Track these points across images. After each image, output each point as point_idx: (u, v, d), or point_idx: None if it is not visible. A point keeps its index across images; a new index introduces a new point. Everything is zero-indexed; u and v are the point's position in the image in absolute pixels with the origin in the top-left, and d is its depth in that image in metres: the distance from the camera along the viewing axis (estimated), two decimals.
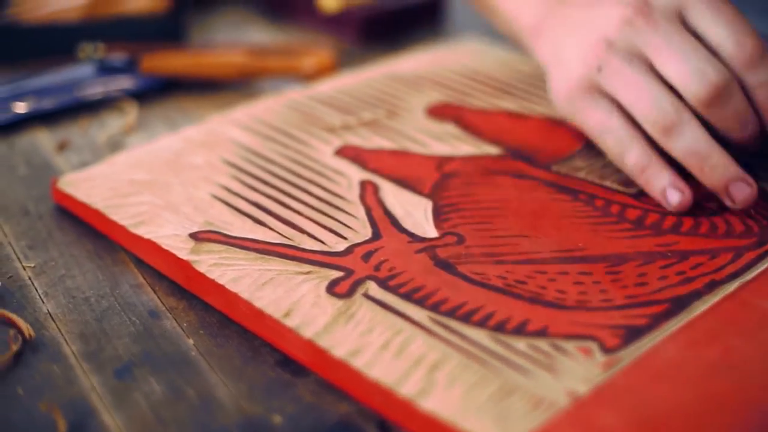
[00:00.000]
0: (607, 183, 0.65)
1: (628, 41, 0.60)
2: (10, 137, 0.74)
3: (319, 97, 0.76)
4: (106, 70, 0.81)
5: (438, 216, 0.61)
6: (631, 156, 0.61)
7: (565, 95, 0.64)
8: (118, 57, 0.83)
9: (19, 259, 0.60)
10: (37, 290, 0.57)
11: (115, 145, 0.73)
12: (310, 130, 0.71)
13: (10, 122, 0.75)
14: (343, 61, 0.87)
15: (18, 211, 0.64)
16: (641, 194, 0.63)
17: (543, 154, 0.69)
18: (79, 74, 0.81)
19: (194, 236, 0.58)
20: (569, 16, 0.65)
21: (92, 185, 0.64)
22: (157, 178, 0.64)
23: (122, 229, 0.60)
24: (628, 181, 0.64)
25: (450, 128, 0.72)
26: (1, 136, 0.74)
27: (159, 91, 0.81)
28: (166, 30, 0.86)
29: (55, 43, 0.85)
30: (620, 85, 0.60)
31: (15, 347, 0.52)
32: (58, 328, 0.54)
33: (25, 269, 0.59)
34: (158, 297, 0.56)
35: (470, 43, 0.88)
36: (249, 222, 0.60)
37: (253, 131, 0.71)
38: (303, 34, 0.94)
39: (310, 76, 0.82)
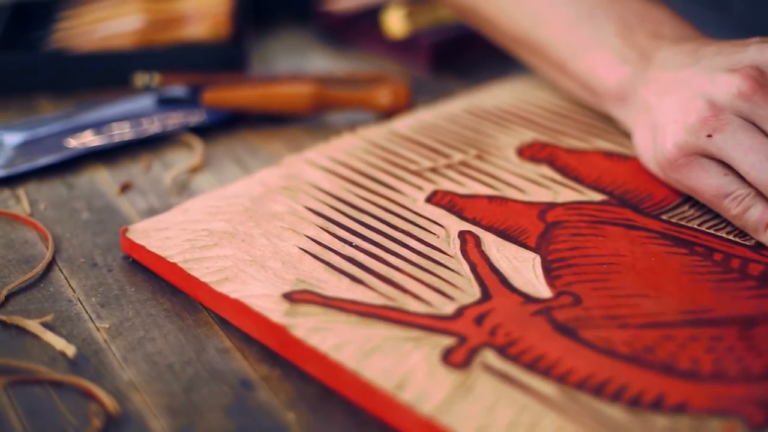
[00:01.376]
0: (723, 233, 0.62)
1: (743, 112, 0.60)
2: (66, 176, 0.71)
3: (400, 135, 0.73)
4: (165, 102, 0.78)
5: (549, 272, 0.58)
6: (755, 214, 0.61)
7: (667, 161, 0.63)
8: (177, 88, 0.80)
9: (91, 318, 0.56)
10: (114, 355, 0.53)
11: (181, 186, 0.70)
12: (396, 173, 0.68)
13: (66, 160, 0.72)
14: (412, 90, 0.84)
15: (85, 263, 0.61)
16: (760, 246, 0.60)
17: (648, 200, 0.65)
18: (138, 107, 0.78)
19: (288, 297, 0.55)
20: (664, 80, 0.64)
21: (166, 235, 0.61)
22: (238, 229, 0.61)
23: (204, 287, 0.57)
24: (744, 232, 0.61)
25: (545, 170, 0.69)
26: (58, 175, 0.71)
27: (223, 125, 0.78)
28: (227, 58, 0.83)
29: (107, 71, 0.82)
30: (736, 151, 0.60)
31: (98, 423, 0.49)
32: (142, 399, 0.50)
33: (99, 330, 0.55)
34: (249, 364, 0.53)
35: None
36: (345, 280, 0.56)
37: (334, 174, 0.67)
38: (368, 61, 0.91)
39: (384, 110, 0.79)
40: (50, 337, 0.55)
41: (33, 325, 0.55)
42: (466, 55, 0.90)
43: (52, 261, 0.61)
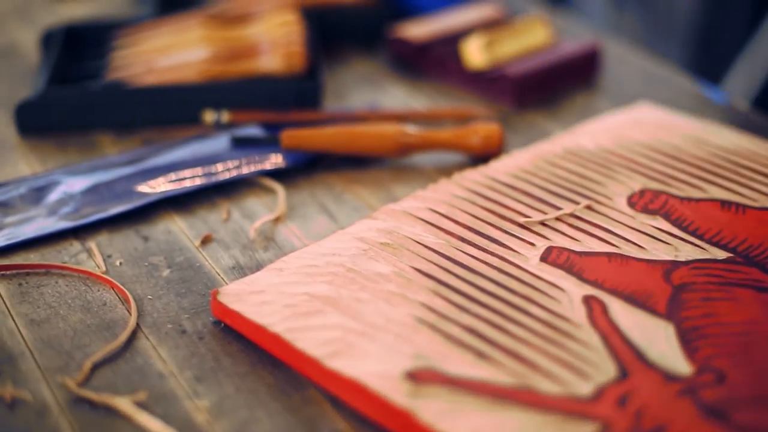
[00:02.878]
0: None
1: None
2: (139, 226, 0.68)
3: (500, 182, 0.70)
4: (240, 143, 0.75)
5: (685, 344, 0.55)
6: None
7: None
8: (251, 127, 0.77)
9: (188, 395, 0.53)
10: None
11: (266, 238, 0.67)
12: (503, 227, 0.65)
13: (138, 209, 0.69)
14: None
15: (172, 329, 0.58)
16: None
17: None
18: (210, 148, 0.75)
19: (410, 376, 0.52)
20: None
21: (263, 300, 0.58)
22: (342, 293, 0.58)
23: (312, 361, 0.54)
24: None
25: (661, 222, 0.66)
26: (130, 224, 0.68)
27: (302, 167, 0.75)
28: (301, 92, 0.80)
29: (172, 107, 0.79)
30: None
31: None
32: None
33: (198, 410, 0.52)
34: None
35: (644, 109, 0.81)
36: (469, 355, 0.53)
37: (438, 228, 0.64)
38: (446, 94, 0.87)
39: (476, 152, 0.76)
40: (145, 419, 0.51)
41: (125, 405, 0.52)
42: (550, 87, 0.87)
43: (137, 327, 0.58)
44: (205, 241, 0.67)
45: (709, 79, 0.98)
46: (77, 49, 0.88)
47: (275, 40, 0.83)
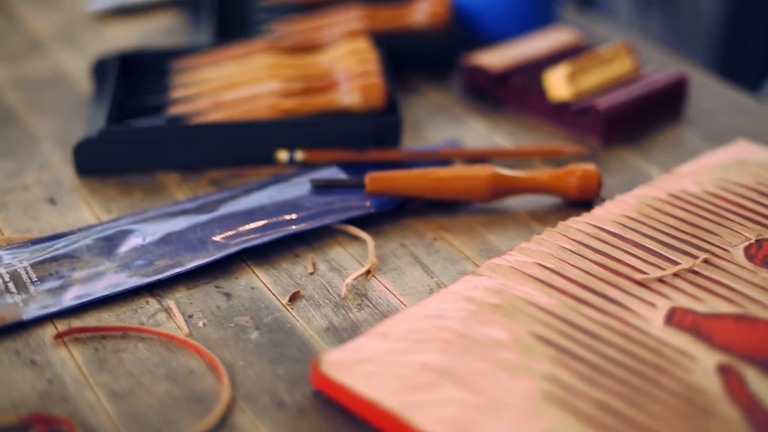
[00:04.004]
0: None
1: None
2: (219, 281, 0.65)
3: (607, 231, 0.67)
4: (321, 186, 0.72)
5: None
6: None
7: None
8: (331, 168, 0.74)
9: None
10: None
11: (359, 294, 0.64)
12: (619, 284, 0.62)
13: (215, 261, 0.66)
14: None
15: (270, 402, 0.55)
16: None
17: None
18: (289, 193, 0.72)
19: None
20: None
21: (371, 370, 0.55)
22: (456, 363, 0.55)
23: None
24: None
25: None
26: (209, 278, 0.65)
27: (388, 213, 0.72)
28: (380, 129, 0.77)
29: (241, 146, 0.76)
30: None
31: None
32: None
33: None
34: None
35: (742, 147, 0.78)
36: None
37: (550, 287, 0.61)
38: (527, 128, 0.84)
39: (573, 197, 0.73)
40: None
41: None
42: (637, 120, 0.84)
43: (231, 400, 0.55)
44: (294, 298, 0.63)
45: (736, 83, 0.95)
46: (133, 79, 0.85)
47: (350, 71, 0.80)
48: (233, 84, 0.81)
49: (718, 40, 1.59)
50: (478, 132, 0.84)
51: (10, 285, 0.64)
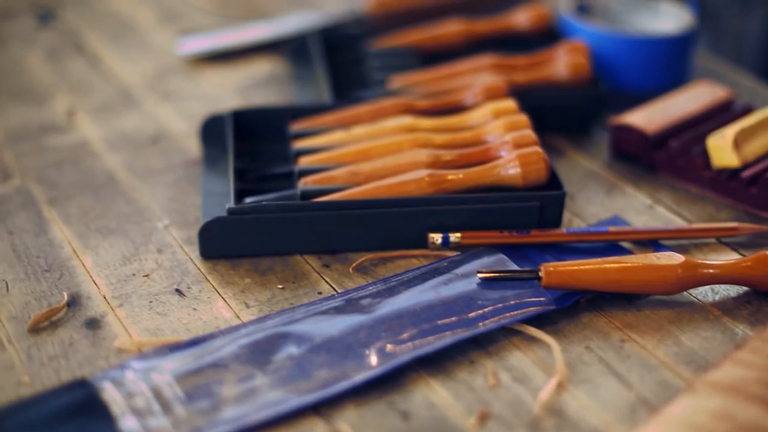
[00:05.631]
0: None
1: None
2: (391, 396, 0.58)
3: None
4: (490, 279, 0.65)
5: None
6: None
7: None
8: (494, 255, 0.67)
9: None
10: None
11: (554, 411, 0.57)
12: None
13: (388, 373, 0.59)
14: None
15: None
16: None
17: None
18: (455, 288, 0.65)
19: None
20: None
21: None
22: None
23: None
24: None
25: None
26: (380, 393, 0.58)
27: (564, 308, 0.65)
28: (543, 208, 0.70)
29: (390, 226, 0.69)
30: None
31: None
32: None
33: None
34: None
35: None
36: None
37: None
38: (691, 199, 0.77)
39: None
40: None
41: None
42: None
43: None
44: (482, 418, 0.56)
45: None
46: (247, 142, 0.78)
47: (503, 138, 0.72)
48: (369, 151, 0.73)
49: (764, 60, 1.53)
50: (636, 204, 0.76)
51: (154, 404, 0.56)
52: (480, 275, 0.65)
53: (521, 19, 0.93)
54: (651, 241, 0.71)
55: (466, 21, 0.93)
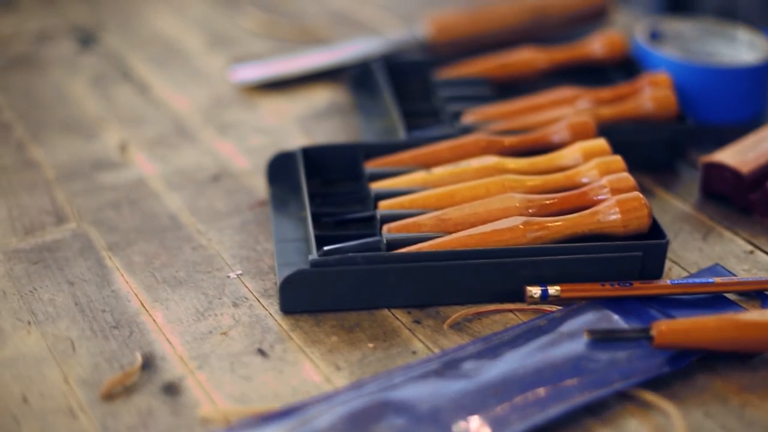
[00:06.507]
0: None
1: None
2: None
3: None
4: (600, 340, 0.61)
5: None
6: None
7: None
8: (604, 312, 0.63)
9: None
10: None
11: None
12: None
13: None
14: None
15: None
16: None
17: None
18: (563, 349, 0.61)
19: None
20: None
21: None
22: None
23: None
24: None
25: None
26: None
27: (677, 370, 0.61)
28: (645, 260, 0.66)
29: (483, 279, 0.65)
30: None
31: None
32: None
33: None
34: None
35: None
36: None
37: None
38: None
39: None
40: None
41: None
42: None
43: None
44: None
45: None
46: (316, 181, 0.75)
47: (600, 182, 0.69)
48: (454, 194, 0.70)
49: None
50: (735, 250, 0.72)
51: None
52: (588, 335, 0.61)
53: (596, 46, 0.90)
54: (757, 292, 0.68)
55: (539, 49, 0.89)
